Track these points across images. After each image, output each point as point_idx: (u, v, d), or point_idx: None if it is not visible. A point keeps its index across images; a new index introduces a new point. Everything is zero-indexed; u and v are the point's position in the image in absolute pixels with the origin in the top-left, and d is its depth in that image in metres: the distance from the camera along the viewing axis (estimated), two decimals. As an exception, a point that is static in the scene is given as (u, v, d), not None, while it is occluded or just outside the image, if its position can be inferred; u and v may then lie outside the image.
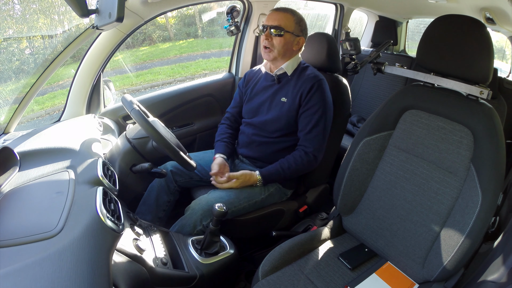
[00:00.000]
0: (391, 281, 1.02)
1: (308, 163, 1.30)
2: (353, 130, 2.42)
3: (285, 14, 1.29)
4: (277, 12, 1.30)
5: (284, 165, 1.30)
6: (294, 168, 1.30)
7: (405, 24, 2.93)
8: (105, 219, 0.72)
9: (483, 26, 0.93)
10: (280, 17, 1.28)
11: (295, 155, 1.31)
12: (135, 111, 1.13)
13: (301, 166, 1.30)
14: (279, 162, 1.32)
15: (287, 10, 1.31)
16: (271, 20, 1.29)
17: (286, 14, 1.29)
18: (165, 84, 4.80)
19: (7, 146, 0.94)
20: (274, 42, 1.29)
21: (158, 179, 1.40)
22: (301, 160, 1.29)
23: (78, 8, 0.94)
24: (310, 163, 1.31)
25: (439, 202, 0.99)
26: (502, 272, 0.75)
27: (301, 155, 1.30)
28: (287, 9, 1.31)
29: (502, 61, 3.01)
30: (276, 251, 1.07)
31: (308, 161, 1.30)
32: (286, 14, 1.29)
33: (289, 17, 1.29)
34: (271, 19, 1.29)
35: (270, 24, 1.28)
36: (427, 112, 1.05)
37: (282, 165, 1.30)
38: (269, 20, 1.29)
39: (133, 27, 1.41)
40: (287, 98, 1.33)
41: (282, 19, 1.28)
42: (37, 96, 1.34)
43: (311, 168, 1.34)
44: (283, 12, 1.30)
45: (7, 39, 1.83)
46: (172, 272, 0.97)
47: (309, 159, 1.30)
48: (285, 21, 1.28)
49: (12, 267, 0.61)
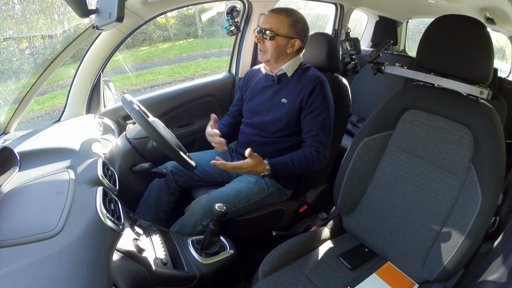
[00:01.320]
0: (391, 281, 1.02)
1: (318, 161, 1.29)
2: (353, 130, 2.42)
3: (278, 17, 1.27)
4: (272, 14, 1.28)
5: (295, 159, 1.26)
6: (304, 163, 1.26)
7: (405, 24, 2.93)
8: (105, 219, 0.72)
9: (483, 26, 0.93)
10: (272, 20, 1.27)
11: (306, 152, 1.28)
12: (135, 111, 1.13)
13: (312, 163, 1.27)
14: (288, 156, 1.27)
15: (282, 12, 1.28)
16: (264, 23, 1.28)
17: (280, 16, 1.27)
18: (165, 84, 4.80)
19: (7, 146, 0.94)
20: (266, 45, 1.28)
21: (158, 179, 1.40)
22: (312, 157, 1.27)
23: (78, 8, 0.94)
24: (320, 162, 1.30)
25: (439, 202, 0.99)
26: (502, 272, 0.75)
27: (312, 153, 1.27)
28: (283, 10, 1.29)
29: (502, 61, 3.02)
30: (276, 251, 1.07)
31: (318, 159, 1.28)
32: (280, 16, 1.27)
33: (282, 20, 1.26)
34: (265, 22, 1.28)
35: (263, 27, 1.28)
36: (427, 112, 1.05)
37: (293, 159, 1.26)
38: (264, 22, 1.29)
39: (133, 27, 1.41)
40: (288, 99, 1.33)
41: (275, 21, 1.26)
42: (37, 96, 1.34)
43: (319, 168, 1.32)
44: (277, 14, 1.28)
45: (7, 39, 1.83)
46: (172, 272, 0.97)
47: (320, 158, 1.29)
48: (277, 24, 1.26)
49: (12, 267, 0.61)
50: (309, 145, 1.30)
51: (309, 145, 1.30)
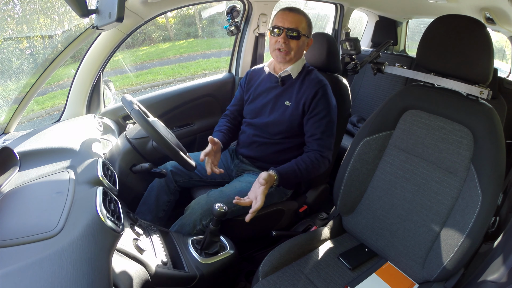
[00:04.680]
0: (391, 281, 1.02)
1: (323, 165, 1.29)
2: (353, 130, 2.42)
3: (300, 17, 1.26)
4: (292, 13, 1.26)
5: (301, 165, 1.23)
6: (311, 169, 1.25)
7: (405, 24, 2.93)
8: (105, 219, 0.72)
9: (483, 26, 0.93)
10: (296, 20, 1.25)
11: (311, 157, 1.26)
12: (135, 111, 1.13)
13: (317, 167, 1.26)
14: (294, 162, 1.24)
15: (300, 12, 1.28)
16: (287, 22, 1.25)
17: (300, 17, 1.27)
18: (165, 84, 4.79)
19: (7, 146, 0.94)
20: (291, 45, 1.26)
21: (158, 179, 1.40)
22: (318, 162, 1.26)
23: (78, 8, 0.94)
24: (325, 165, 1.30)
25: (439, 202, 0.99)
26: (502, 272, 0.75)
27: (317, 157, 1.26)
28: (300, 10, 1.29)
29: (502, 61, 3.02)
30: (276, 251, 1.07)
31: (323, 163, 1.28)
32: (300, 17, 1.27)
33: (303, 20, 1.27)
34: (287, 21, 1.25)
35: (286, 27, 1.24)
36: (427, 112, 1.05)
37: (299, 166, 1.23)
38: (285, 21, 1.25)
39: (133, 27, 1.41)
40: (291, 102, 1.32)
41: (298, 21, 1.25)
42: (37, 96, 1.34)
43: (324, 170, 1.31)
44: (297, 14, 1.27)
45: (8, 39, 1.83)
46: (172, 272, 0.97)
47: (324, 161, 1.29)
48: (301, 24, 1.26)
49: (12, 267, 0.61)
50: (313, 149, 1.29)
51: (313, 149, 1.28)
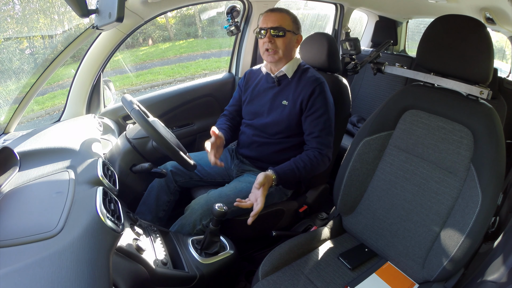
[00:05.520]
0: (391, 281, 1.02)
1: (322, 163, 1.28)
2: (353, 130, 2.42)
3: (282, 14, 1.29)
4: (274, 13, 1.29)
5: (300, 164, 1.22)
6: (310, 167, 1.24)
7: (405, 24, 2.93)
8: (105, 219, 0.72)
9: (483, 26, 0.93)
10: (278, 18, 1.28)
11: (310, 155, 1.26)
12: (135, 111, 1.13)
13: (317, 165, 1.26)
14: (293, 161, 1.24)
15: (282, 10, 1.31)
16: (270, 22, 1.28)
17: (282, 14, 1.29)
18: (165, 84, 4.79)
19: (7, 146, 0.94)
20: (278, 43, 1.28)
21: (158, 179, 1.40)
22: (317, 160, 1.25)
23: (78, 8, 0.94)
24: (324, 163, 1.29)
25: (439, 202, 0.99)
26: (502, 272, 0.75)
27: (316, 155, 1.26)
28: (282, 9, 1.32)
29: (502, 61, 3.02)
30: (276, 251, 1.07)
31: (323, 161, 1.28)
32: (282, 14, 1.29)
33: (285, 17, 1.29)
34: (270, 21, 1.28)
35: (269, 26, 1.27)
36: (427, 112, 1.05)
37: (298, 164, 1.22)
38: (267, 22, 1.28)
39: (133, 27, 1.41)
40: (288, 101, 1.32)
41: (281, 19, 1.27)
42: (37, 96, 1.34)
43: (324, 169, 1.31)
44: (279, 12, 1.29)
45: (8, 39, 1.84)
46: (172, 272, 0.97)
47: (324, 159, 1.28)
48: (284, 21, 1.28)
49: (12, 267, 0.61)
50: (312, 147, 1.29)
51: (312, 147, 1.28)
